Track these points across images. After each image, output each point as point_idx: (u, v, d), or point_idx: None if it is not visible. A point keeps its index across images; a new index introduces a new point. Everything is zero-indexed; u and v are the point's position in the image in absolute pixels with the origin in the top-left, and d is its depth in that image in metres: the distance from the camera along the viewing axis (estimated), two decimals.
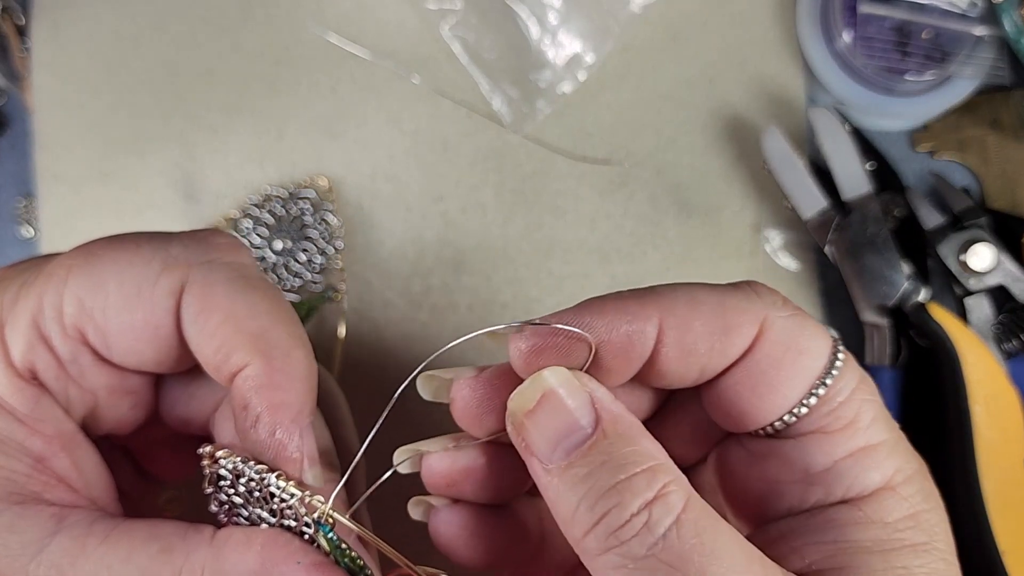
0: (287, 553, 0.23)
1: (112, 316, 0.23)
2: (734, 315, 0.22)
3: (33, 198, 0.43)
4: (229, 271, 0.24)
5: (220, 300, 0.23)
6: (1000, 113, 0.43)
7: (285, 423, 0.23)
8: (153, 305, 0.23)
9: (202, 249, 0.24)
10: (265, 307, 0.23)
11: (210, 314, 0.23)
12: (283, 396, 0.23)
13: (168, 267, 0.23)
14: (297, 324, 0.24)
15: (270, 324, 0.23)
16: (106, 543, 0.23)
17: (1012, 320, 0.38)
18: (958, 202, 0.40)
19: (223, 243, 0.24)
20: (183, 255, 0.23)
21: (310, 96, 0.43)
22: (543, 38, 0.42)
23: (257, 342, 0.23)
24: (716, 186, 0.43)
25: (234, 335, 0.23)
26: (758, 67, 0.44)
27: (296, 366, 0.23)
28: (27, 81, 0.43)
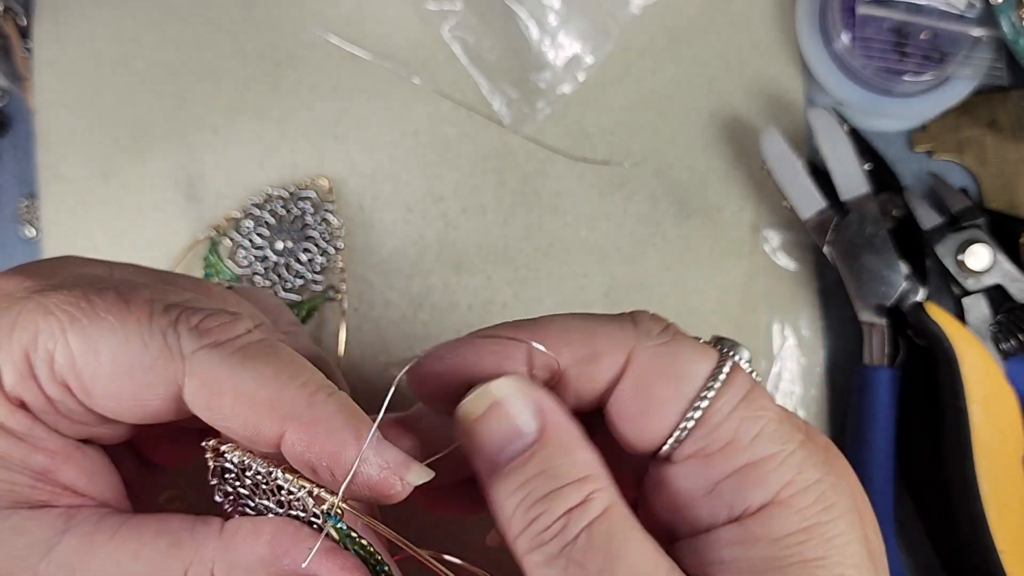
0: (297, 540, 0.23)
1: (100, 383, 0.23)
2: (601, 342, 0.23)
3: (35, 198, 0.43)
4: (224, 350, 0.23)
5: (224, 383, 0.23)
6: (998, 114, 0.43)
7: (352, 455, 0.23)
8: (145, 388, 0.23)
9: (196, 336, 0.23)
10: (271, 372, 0.23)
11: (220, 399, 0.23)
12: (332, 443, 0.22)
13: (164, 355, 0.23)
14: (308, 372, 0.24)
15: (282, 387, 0.23)
16: (115, 539, 0.23)
17: (1009, 320, 0.38)
18: (956, 202, 0.40)
19: (219, 325, 0.24)
20: (179, 344, 0.23)
21: (311, 97, 0.43)
22: (543, 39, 0.43)
23: (277, 411, 0.23)
24: (715, 186, 0.43)
25: (251, 411, 0.23)
26: (757, 68, 0.44)
27: (325, 407, 0.23)
28: (29, 82, 0.43)
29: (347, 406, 0.23)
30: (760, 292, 0.42)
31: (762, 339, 0.42)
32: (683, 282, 0.43)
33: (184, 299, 0.24)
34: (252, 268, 0.41)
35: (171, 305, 0.24)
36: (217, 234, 0.42)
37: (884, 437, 0.39)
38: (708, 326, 0.42)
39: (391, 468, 0.23)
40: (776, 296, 0.42)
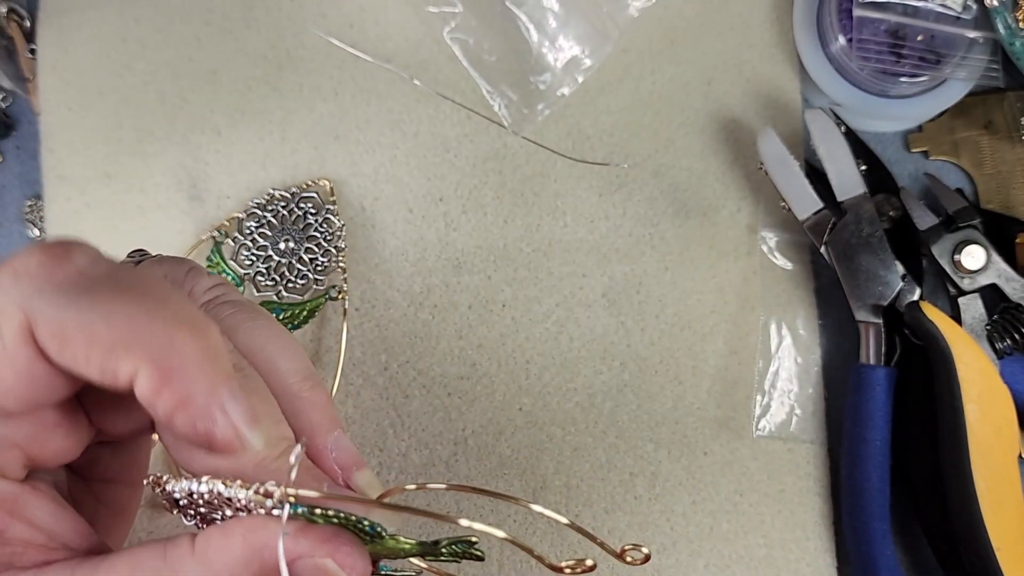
0: (269, 531, 0.22)
1: None
2: None
3: (40, 199, 0.43)
4: (66, 288, 0.21)
5: (72, 325, 0.20)
6: (994, 115, 0.43)
7: (199, 411, 0.21)
8: (11, 354, 0.21)
9: (27, 279, 0.21)
10: (120, 306, 0.21)
11: (72, 343, 0.21)
12: (185, 385, 0.21)
13: (3, 312, 0.21)
14: (169, 305, 0.21)
15: (132, 321, 0.21)
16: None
17: (1005, 319, 0.39)
18: (952, 203, 0.40)
19: (47, 261, 0.21)
20: (9, 297, 0.21)
21: (313, 98, 0.43)
22: (542, 41, 0.43)
23: (130, 347, 0.20)
24: (713, 187, 0.44)
25: (105, 352, 0.20)
26: (754, 70, 0.44)
27: (184, 345, 0.21)
28: (33, 83, 0.43)
29: (219, 351, 0.22)
30: (757, 292, 0.43)
31: (759, 338, 0.42)
32: (681, 282, 0.43)
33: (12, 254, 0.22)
34: (255, 268, 0.41)
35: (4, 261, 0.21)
36: (220, 234, 0.42)
37: (880, 436, 0.39)
38: (706, 325, 0.43)
39: (229, 430, 0.21)
40: (773, 295, 0.43)
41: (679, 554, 0.41)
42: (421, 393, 0.42)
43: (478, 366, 0.42)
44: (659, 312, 0.43)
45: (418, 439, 0.42)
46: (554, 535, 0.41)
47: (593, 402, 0.42)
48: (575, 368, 0.42)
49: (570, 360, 0.42)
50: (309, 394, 0.25)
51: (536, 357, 0.42)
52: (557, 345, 0.42)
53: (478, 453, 0.42)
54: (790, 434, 0.42)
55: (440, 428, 0.42)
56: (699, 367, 0.42)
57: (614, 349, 0.42)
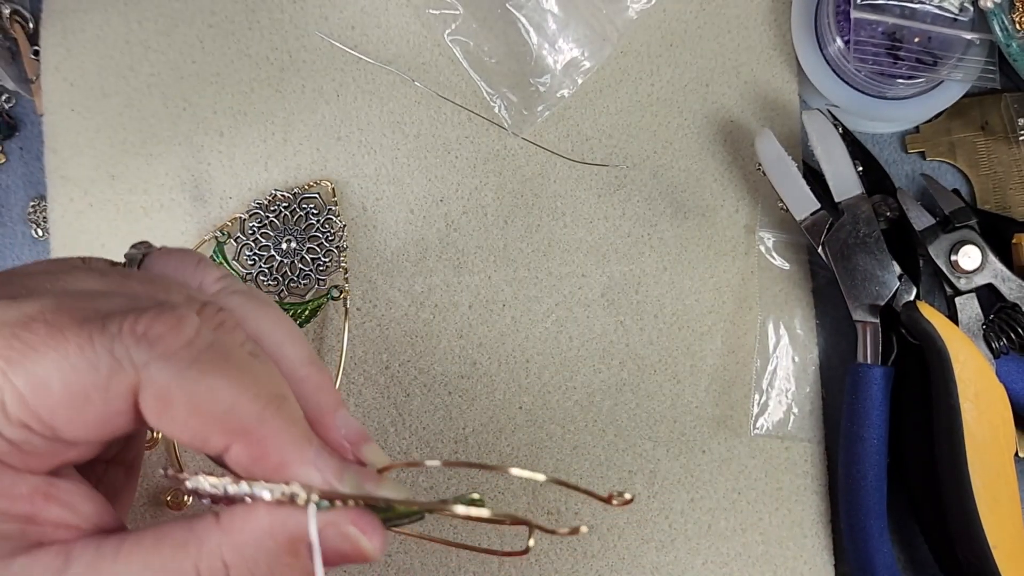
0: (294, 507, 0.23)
1: (60, 414, 0.22)
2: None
3: (43, 200, 0.44)
4: (178, 360, 0.23)
5: (176, 395, 0.23)
6: (990, 116, 0.44)
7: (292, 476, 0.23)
8: (105, 407, 0.23)
9: (145, 346, 0.23)
10: (223, 384, 0.23)
11: (173, 412, 0.23)
12: (277, 457, 0.23)
13: (117, 372, 0.22)
14: (260, 380, 0.24)
15: (233, 399, 0.23)
16: (118, 560, 0.23)
17: (1001, 319, 0.39)
18: (948, 203, 0.40)
19: (167, 330, 0.23)
20: (129, 357, 0.22)
21: (315, 100, 0.44)
22: (542, 44, 0.43)
23: (227, 423, 0.23)
24: (711, 188, 0.44)
25: (203, 424, 0.23)
26: (752, 72, 0.44)
27: (275, 428, 0.23)
28: (37, 84, 0.44)
29: (296, 418, 0.24)
30: (755, 291, 0.43)
31: (757, 337, 0.42)
32: (679, 282, 0.43)
33: (117, 305, 0.23)
34: (257, 268, 0.42)
35: (109, 316, 0.23)
36: (222, 235, 0.42)
37: (877, 435, 0.39)
38: (704, 324, 0.43)
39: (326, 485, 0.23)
40: (771, 295, 0.43)
41: (677, 551, 0.41)
42: (422, 392, 0.42)
43: (478, 365, 0.42)
44: (658, 311, 0.43)
45: (419, 437, 0.42)
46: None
47: (592, 400, 0.42)
48: (574, 367, 0.42)
49: (569, 359, 0.42)
50: (316, 377, 0.26)
51: (536, 356, 0.43)
52: (557, 344, 0.43)
53: (478, 451, 0.42)
54: (788, 432, 0.42)
55: (441, 426, 0.42)
56: (697, 366, 0.43)
57: (613, 348, 0.43)
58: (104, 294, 0.24)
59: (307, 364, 0.27)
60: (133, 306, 0.23)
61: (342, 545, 0.23)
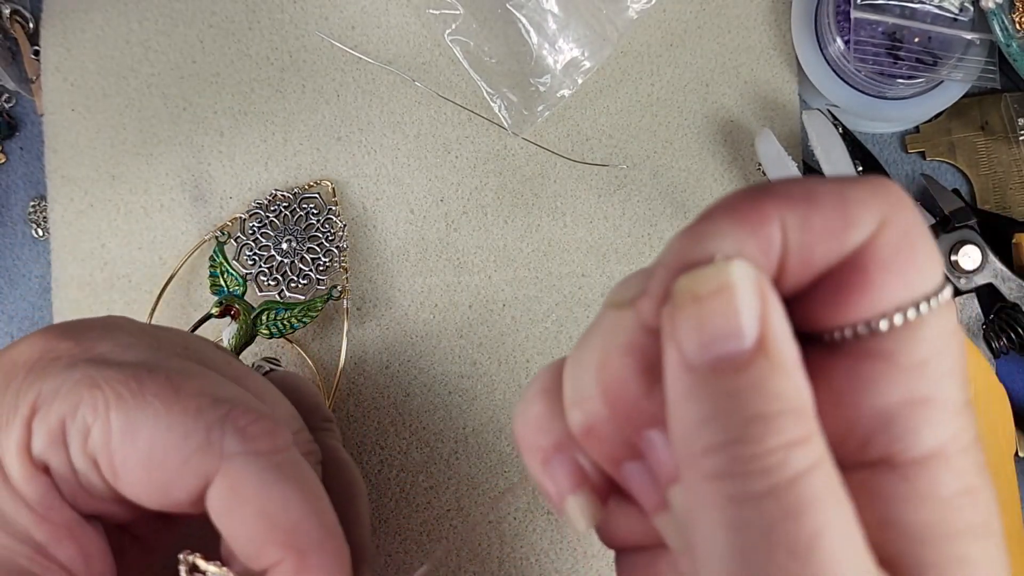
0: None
1: (131, 467, 0.23)
2: (856, 209, 0.18)
3: (44, 200, 0.44)
4: (261, 463, 0.23)
5: (251, 495, 0.23)
6: (990, 116, 0.44)
7: None
8: (177, 478, 0.23)
9: (240, 440, 0.23)
10: (297, 500, 0.23)
11: (242, 509, 0.23)
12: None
13: (202, 451, 0.23)
14: (327, 511, 0.24)
15: (302, 517, 0.23)
16: None
17: (1001, 319, 0.39)
18: (948, 203, 0.40)
19: (264, 432, 0.24)
20: (220, 443, 0.23)
21: (315, 100, 0.44)
22: (542, 44, 0.43)
23: (289, 537, 0.23)
24: (711, 187, 0.44)
25: (267, 531, 0.23)
26: (752, 71, 0.44)
27: (329, 560, 0.23)
28: (37, 84, 0.44)
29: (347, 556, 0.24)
30: None
31: None
32: None
33: (233, 394, 0.24)
34: (257, 268, 0.42)
35: (220, 400, 0.24)
36: (223, 235, 0.42)
37: None
38: None
39: None
40: None
41: None
42: (422, 392, 0.42)
43: (479, 365, 0.42)
44: None
45: (419, 437, 0.42)
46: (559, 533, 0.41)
47: None
48: None
49: None
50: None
51: (536, 356, 0.43)
52: (557, 344, 0.43)
53: (478, 451, 0.42)
54: None
55: (441, 426, 0.42)
56: None
57: None
58: (225, 381, 0.25)
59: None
60: (244, 402, 0.24)
61: None
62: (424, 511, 0.41)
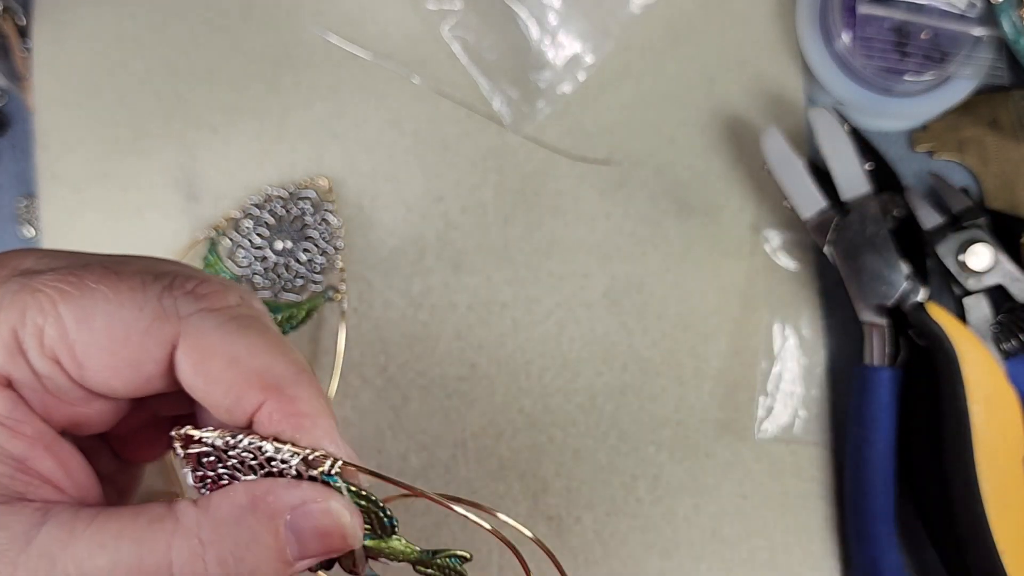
0: (275, 483, 0.23)
1: (93, 353, 0.23)
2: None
3: (34, 198, 0.43)
4: (220, 316, 0.24)
5: (217, 347, 0.23)
6: (999, 113, 0.43)
7: (323, 440, 0.23)
8: (142, 351, 0.23)
9: (192, 300, 0.24)
10: (263, 343, 0.24)
11: (211, 362, 0.23)
12: (310, 421, 0.23)
13: (159, 318, 0.23)
14: (293, 351, 0.25)
15: (272, 359, 0.24)
16: (94, 525, 0.23)
17: (1011, 320, 0.39)
18: (957, 202, 0.40)
19: (213, 291, 0.24)
20: (174, 307, 0.24)
21: (310, 96, 0.43)
22: (543, 39, 0.43)
23: (263, 379, 0.23)
24: (715, 186, 0.43)
25: (240, 377, 0.23)
26: (757, 67, 0.44)
27: (306, 391, 0.24)
28: (28, 81, 0.43)
29: (321, 392, 0.24)
30: (761, 292, 0.42)
31: (763, 339, 0.42)
32: (683, 282, 0.42)
33: (174, 268, 0.25)
34: (251, 268, 0.41)
35: (162, 272, 0.24)
36: (216, 234, 0.42)
37: (885, 437, 0.39)
38: (708, 326, 0.42)
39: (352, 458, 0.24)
40: (777, 296, 0.42)
41: (681, 558, 0.41)
42: (420, 395, 0.42)
43: (478, 367, 0.42)
44: (661, 312, 0.42)
45: (417, 441, 0.41)
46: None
47: (594, 403, 0.42)
48: (576, 369, 0.42)
49: (571, 361, 0.42)
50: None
51: (536, 358, 0.42)
52: (558, 346, 0.42)
53: (478, 455, 0.41)
54: (793, 436, 0.41)
55: (439, 430, 0.41)
56: (701, 368, 0.42)
57: (615, 350, 0.42)
58: (162, 260, 0.26)
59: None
60: (185, 271, 0.25)
61: (323, 521, 0.23)
62: (422, 517, 0.41)
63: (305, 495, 0.23)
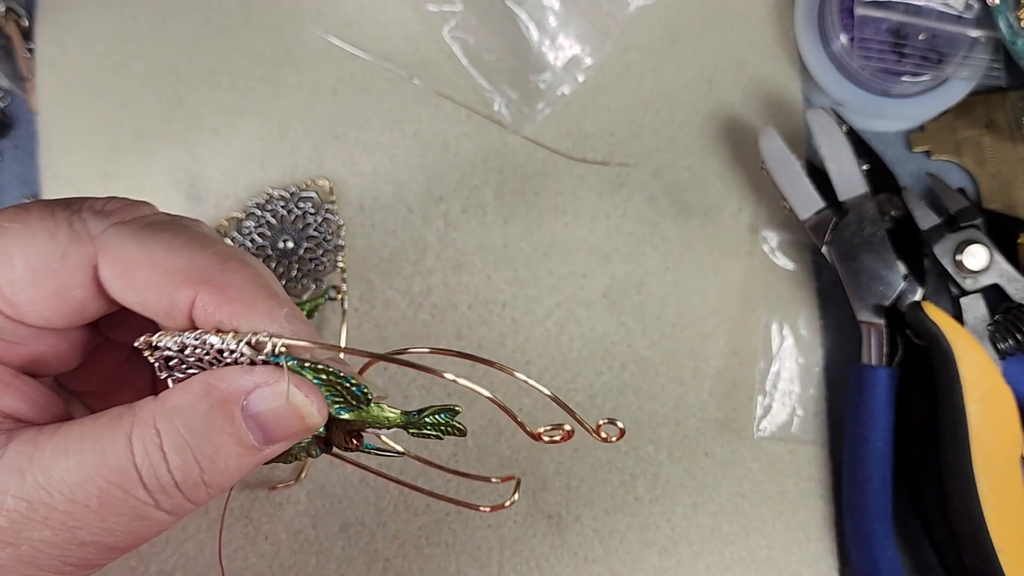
0: (228, 370, 0.23)
1: (20, 289, 0.23)
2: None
3: (37, 198, 0.43)
4: (133, 226, 0.24)
5: (136, 255, 0.23)
6: (995, 114, 0.43)
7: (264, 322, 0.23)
8: (65, 277, 0.23)
9: (102, 217, 0.24)
10: (181, 241, 0.24)
11: (134, 272, 0.23)
12: (244, 306, 0.23)
13: (74, 240, 0.23)
14: (217, 242, 0.24)
15: (192, 253, 0.23)
16: (58, 435, 0.23)
17: (1007, 320, 0.39)
18: (954, 203, 0.40)
19: (123, 206, 0.25)
20: (85, 228, 0.24)
21: (312, 98, 0.43)
22: (543, 40, 0.43)
23: (189, 275, 0.23)
24: (714, 187, 0.43)
25: (166, 278, 0.23)
26: (756, 69, 0.44)
27: (238, 276, 0.24)
28: (31, 82, 0.43)
29: (256, 274, 0.24)
30: (759, 292, 0.42)
31: (761, 339, 0.42)
32: (682, 282, 0.43)
33: (84, 198, 0.25)
34: None
35: (71, 200, 0.24)
36: (218, 234, 0.42)
37: (882, 436, 0.39)
38: (707, 325, 0.42)
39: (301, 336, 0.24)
40: (775, 296, 0.42)
41: (680, 555, 0.41)
42: (420, 394, 0.42)
43: (477, 366, 0.42)
44: (660, 312, 0.42)
45: (417, 440, 0.41)
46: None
47: (594, 403, 0.42)
48: (575, 368, 0.42)
49: (570, 360, 0.42)
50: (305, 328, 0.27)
51: (536, 358, 0.42)
52: (557, 345, 0.42)
53: (478, 454, 0.41)
54: (791, 435, 0.42)
55: None
56: (700, 368, 0.42)
57: (615, 349, 0.42)
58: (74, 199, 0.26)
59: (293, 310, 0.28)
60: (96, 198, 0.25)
61: (275, 403, 0.23)
62: (423, 515, 0.41)
63: (257, 379, 0.23)
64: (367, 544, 0.40)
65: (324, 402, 0.24)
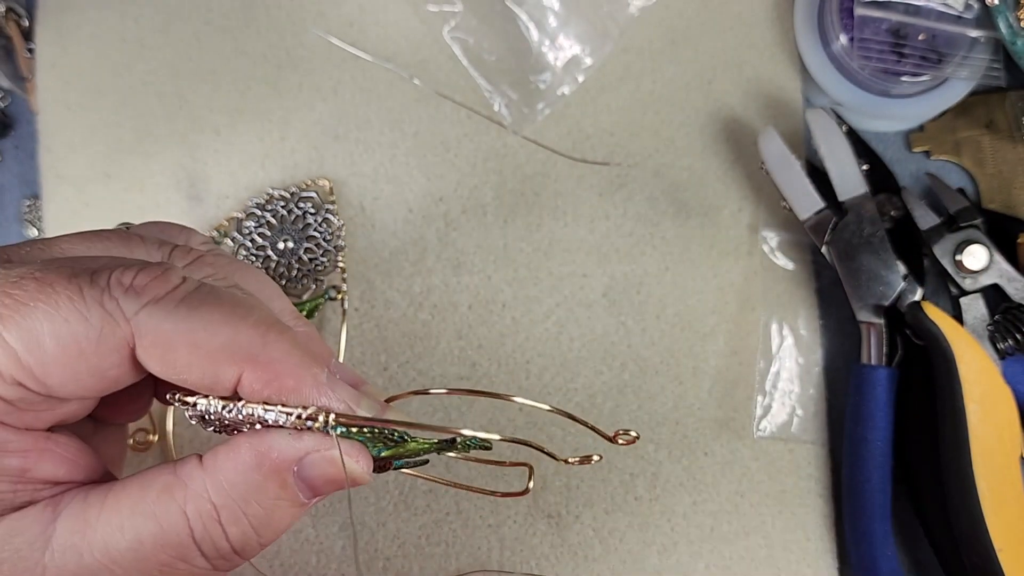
0: (273, 437, 0.23)
1: (53, 371, 0.23)
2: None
3: (38, 199, 0.43)
4: (168, 304, 0.23)
5: (174, 337, 0.23)
6: (995, 114, 0.43)
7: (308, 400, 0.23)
8: (99, 359, 0.23)
9: (134, 296, 0.23)
10: (219, 317, 0.23)
11: (174, 354, 0.23)
12: (290, 381, 0.23)
13: (108, 323, 0.23)
14: (256, 310, 0.24)
15: (233, 330, 0.23)
16: (106, 508, 0.23)
17: (1007, 320, 0.39)
18: (953, 203, 0.40)
19: (153, 280, 0.24)
20: (119, 309, 0.23)
21: (312, 98, 0.43)
22: (543, 40, 0.43)
23: (232, 353, 0.23)
24: (714, 187, 0.43)
25: (208, 359, 0.23)
26: (755, 69, 0.44)
27: (280, 349, 0.23)
28: (32, 83, 0.43)
29: (299, 342, 0.24)
30: (758, 292, 0.42)
31: (760, 338, 0.42)
32: (682, 282, 0.43)
33: (102, 262, 0.24)
34: None
35: (96, 271, 0.23)
36: (219, 234, 0.42)
37: (882, 436, 0.39)
38: (707, 325, 0.43)
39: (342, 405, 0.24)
40: (774, 296, 0.42)
41: (680, 555, 0.41)
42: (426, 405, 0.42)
43: (478, 366, 0.42)
44: (660, 312, 0.43)
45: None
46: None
47: (593, 402, 0.42)
48: (575, 368, 0.42)
49: (570, 360, 0.42)
50: (304, 329, 0.27)
51: (536, 357, 0.42)
52: (557, 345, 0.42)
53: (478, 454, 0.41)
54: (791, 435, 0.42)
55: None
56: (700, 367, 0.42)
57: (615, 349, 0.42)
58: (91, 257, 0.25)
59: (295, 317, 0.27)
60: (119, 263, 0.24)
61: (329, 469, 0.24)
62: (423, 515, 0.41)
63: (307, 446, 0.23)
64: (367, 544, 0.40)
65: (370, 459, 0.24)
